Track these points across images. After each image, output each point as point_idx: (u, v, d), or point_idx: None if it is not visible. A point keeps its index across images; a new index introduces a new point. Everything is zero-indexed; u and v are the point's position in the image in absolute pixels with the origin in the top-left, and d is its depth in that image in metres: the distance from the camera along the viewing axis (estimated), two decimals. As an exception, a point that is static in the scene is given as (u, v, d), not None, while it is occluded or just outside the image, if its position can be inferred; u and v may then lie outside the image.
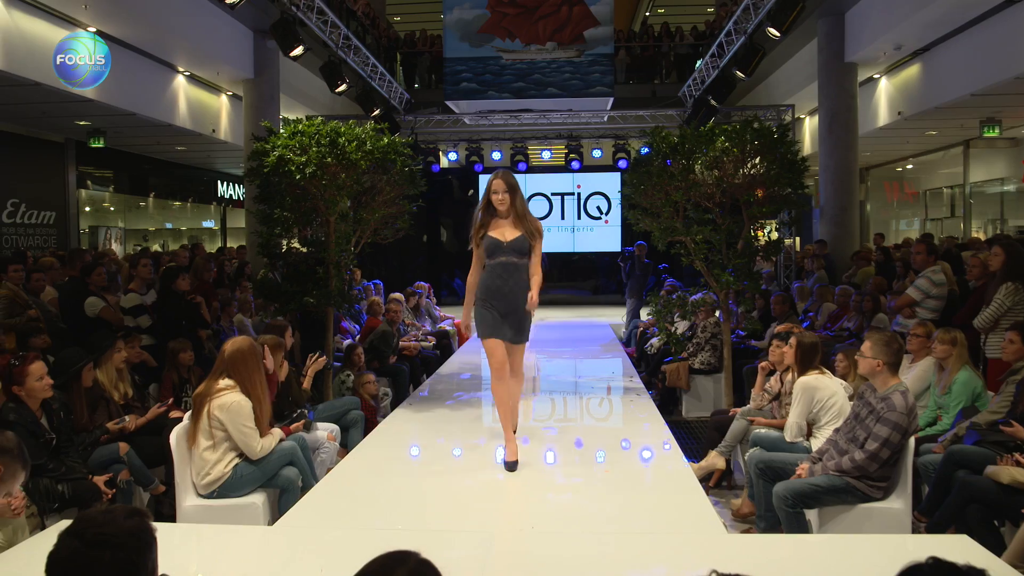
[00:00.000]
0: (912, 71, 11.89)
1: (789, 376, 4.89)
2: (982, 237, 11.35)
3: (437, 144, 15.75)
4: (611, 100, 14.12)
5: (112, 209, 16.47)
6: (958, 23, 10.04)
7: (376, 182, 6.72)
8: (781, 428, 4.64)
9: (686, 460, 4.91)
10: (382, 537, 3.49)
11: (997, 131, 12.13)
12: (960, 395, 4.65)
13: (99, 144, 12.47)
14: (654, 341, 8.47)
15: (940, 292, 6.37)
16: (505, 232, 4.69)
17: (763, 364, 5.29)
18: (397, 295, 9.13)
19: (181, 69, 12.05)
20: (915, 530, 3.91)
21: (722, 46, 11.81)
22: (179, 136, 13.21)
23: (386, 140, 6.64)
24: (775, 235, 9.08)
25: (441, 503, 4.14)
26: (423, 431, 5.81)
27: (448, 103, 14.46)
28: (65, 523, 1.60)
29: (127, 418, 4.64)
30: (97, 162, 14.21)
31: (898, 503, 3.85)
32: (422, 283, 10.89)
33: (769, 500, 3.99)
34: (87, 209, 14.84)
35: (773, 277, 11.23)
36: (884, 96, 12.84)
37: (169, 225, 18.96)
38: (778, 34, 10.20)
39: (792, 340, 4.68)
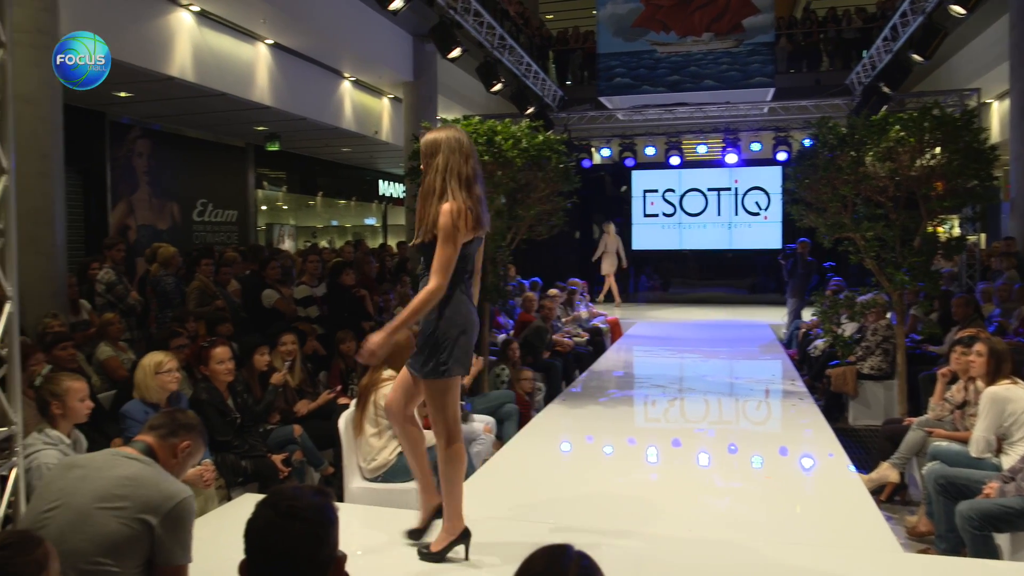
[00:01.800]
0: (1125, 46, 10.55)
1: (975, 385, 4.48)
2: None
3: (590, 140, 15.71)
4: (771, 91, 13.51)
5: (285, 208, 17.70)
6: None
7: (531, 179, 6.80)
8: (964, 442, 4.26)
9: (855, 470, 4.62)
10: (535, 530, 3.53)
11: None
12: None
13: (275, 148, 13.43)
14: (819, 343, 8.03)
15: None
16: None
17: (943, 371, 4.89)
18: (552, 291, 9.20)
19: (347, 75, 12.74)
20: None
21: (896, 28, 11.00)
22: (345, 138, 13.97)
23: (541, 137, 6.70)
24: (957, 231, 8.36)
25: (592, 501, 4.13)
26: (575, 427, 5.82)
27: (601, 99, 14.38)
28: (249, 495, 1.73)
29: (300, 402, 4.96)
30: (272, 164, 15.31)
31: (1107, 531, 3.43)
32: (576, 280, 10.91)
33: (951, 519, 3.67)
34: (263, 208, 16.02)
35: (955, 277, 10.33)
36: (1089, 75, 11.48)
37: (335, 222, 20.12)
38: (963, 11, 9.37)
39: (979, 346, 4.28)
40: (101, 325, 5.64)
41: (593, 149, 15.76)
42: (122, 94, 9.66)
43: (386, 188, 19.80)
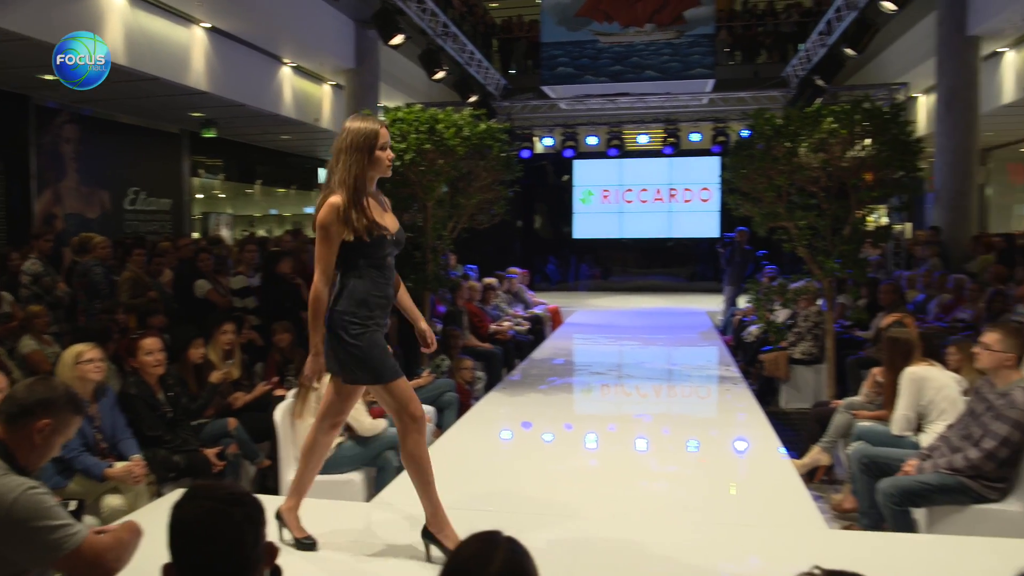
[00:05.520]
0: (1042, 44, 11.04)
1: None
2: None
3: (533, 129, 15.76)
4: (711, 82, 13.74)
5: (222, 196, 17.29)
6: (1096, -10, 9.25)
7: (473, 168, 6.79)
8: (886, 421, 4.44)
9: (785, 452, 4.77)
10: (475, 517, 3.55)
11: None
12: (1090, 393, 4.32)
13: (211, 134, 13.10)
14: (753, 329, 8.24)
15: (1070, 282, 5.93)
16: (384, 216, 3.02)
17: (876, 371, 5.04)
18: (491, 280, 9.22)
19: (287, 61, 12.49)
20: (1036, 535, 3.66)
21: (830, 23, 11.29)
22: (284, 125, 13.71)
23: (483, 126, 6.69)
24: (884, 221, 8.65)
25: (531, 486, 4.18)
26: (514, 415, 5.86)
27: (544, 88, 14.41)
28: (181, 492, 1.69)
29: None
30: (209, 151, 14.93)
31: (1016, 505, 3.61)
32: (516, 268, 10.95)
33: (873, 496, 3.82)
34: (199, 196, 15.62)
35: (882, 265, 10.71)
36: (1010, 71, 11.96)
37: (274, 211, 19.75)
38: (894, 7, 9.69)
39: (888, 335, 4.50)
40: (26, 318, 5.44)
41: (536, 138, 15.81)
42: (48, 77, 9.28)
43: (326, 176, 19.54)
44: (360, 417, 4.20)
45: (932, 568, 3.05)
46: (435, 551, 3.02)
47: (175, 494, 3.77)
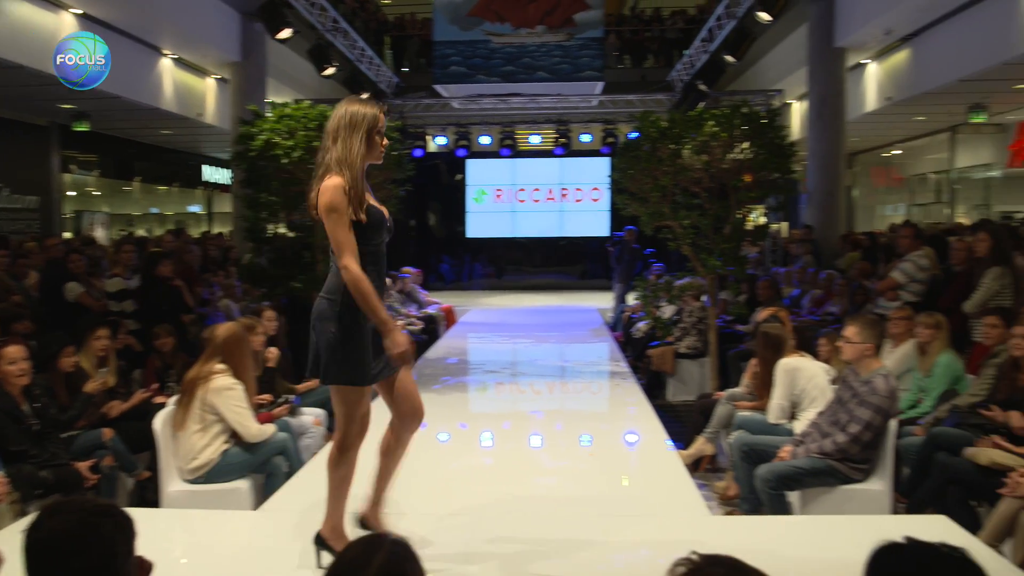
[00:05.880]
0: (901, 56, 11.88)
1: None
2: (967, 222, 11.40)
3: (425, 128, 15.68)
4: (600, 84, 14.06)
5: (97, 194, 16.32)
6: (948, 8, 10.02)
7: (363, 166, 6.69)
8: (764, 411, 4.68)
9: (671, 444, 4.94)
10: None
11: (984, 117, 12.15)
12: (942, 378, 4.69)
13: (83, 128, 12.34)
14: (641, 325, 8.50)
15: (924, 276, 6.41)
16: (373, 200, 2.95)
17: (753, 363, 5.30)
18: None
19: (167, 52, 11.92)
20: (895, 511, 3.95)
21: (712, 31, 11.78)
22: (165, 119, 13.08)
23: (373, 124, 6.60)
24: (762, 220, 9.10)
25: (427, 487, 4.16)
26: (410, 415, 5.81)
27: (437, 87, 14.37)
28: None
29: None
30: (82, 146, 14.06)
31: (879, 485, 3.89)
32: (410, 268, 10.87)
33: (752, 482, 4.02)
34: (71, 194, 14.70)
35: (760, 262, 11.26)
36: (873, 81, 12.83)
37: (155, 210, 18.82)
38: (769, 18, 10.20)
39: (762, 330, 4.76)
40: None
41: (429, 137, 15.74)
42: None
43: (211, 174, 18.76)
44: (246, 422, 4.06)
45: (805, 547, 3.23)
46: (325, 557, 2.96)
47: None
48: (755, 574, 1.32)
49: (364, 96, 2.73)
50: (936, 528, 3.23)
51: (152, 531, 3.43)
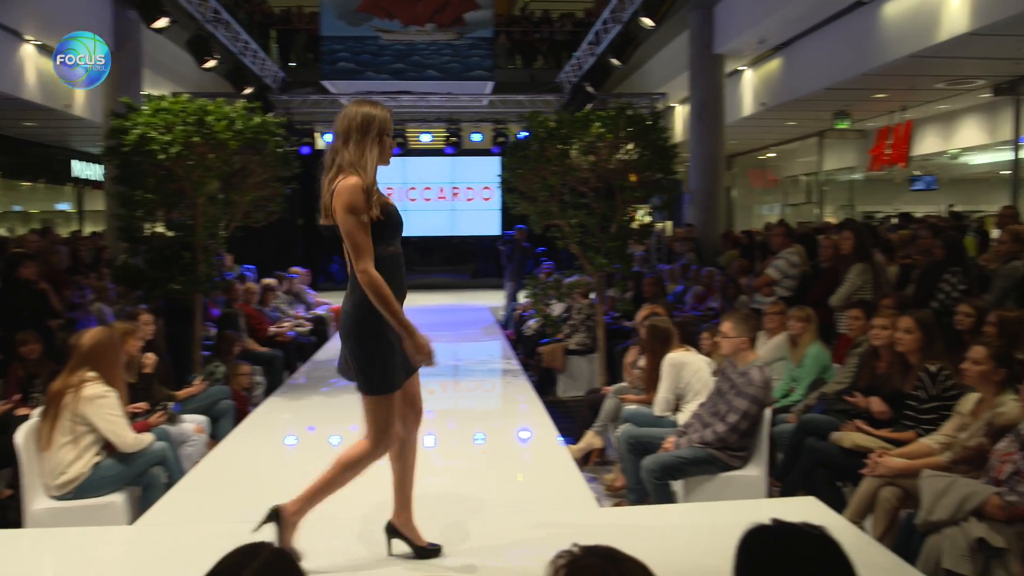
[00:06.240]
0: (774, 64, 12.55)
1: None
2: (834, 222, 12.16)
3: (314, 125, 15.33)
4: (491, 84, 14.14)
5: (-49, 190, 15.08)
6: (815, 20, 10.66)
7: (247, 163, 6.48)
8: (650, 404, 4.84)
9: (561, 439, 5.04)
10: (248, 531, 3.40)
11: (847, 123, 13.01)
12: (811, 368, 4.99)
13: (-67, 118, 11.37)
14: (531, 323, 8.61)
15: (796, 272, 6.80)
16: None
17: (628, 359, 5.46)
18: (270, 280, 8.86)
19: (29, 38, 11.13)
20: (771, 495, 4.17)
21: (598, 34, 12.06)
22: (28, 111, 12.20)
23: (257, 120, 6.41)
24: (647, 219, 9.39)
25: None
26: (297, 419, 5.68)
27: (325, 83, 14.06)
28: None
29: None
30: (-69, 138, 12.95)
31: (755, 471, 4.09)
32: (298, 268, 10.59)
33: (638, 473, 4.15)
34: (-79, 190, 13.51)
35: (646, 260, 11.63)
36: (749, 87, 13.49)
37: (18, 207, 17.56)
38: (652, 24, 10.53)
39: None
40: None
41: (317, 134, 15.39)
42: None
43: (82, 169, 17.64)
44: (121, 431, 3.85)
45: (687, 533, 3.36)
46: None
47: None
48: (629, 562, 1.37)
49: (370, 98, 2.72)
50: (806, 509, 3.44)
51: (16, 553, 3.20)
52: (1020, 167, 11.50)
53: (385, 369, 2.83)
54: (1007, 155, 11.76)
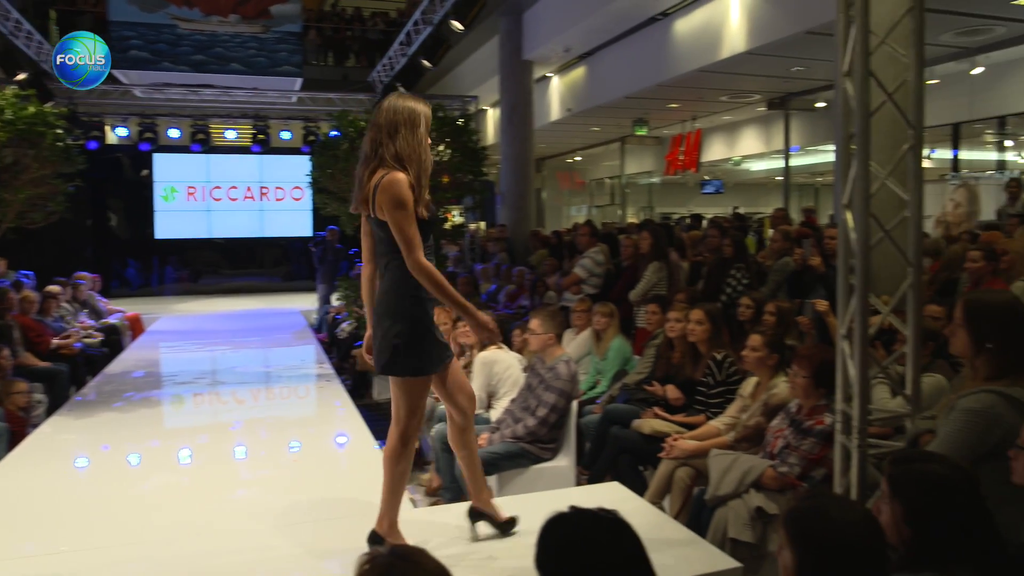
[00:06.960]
0: (579, 72, 13.17)
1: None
2: (636, 222, 12.96)
3: (103, 117, 14.10)
4: (299, 81, 13.70)
5: None
6: (616, 32, 11.31)
7: (20, 158, 5.85)
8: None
9: (376, 443, 4.98)
10: (35, 564, 3.08)
11: (646, 130, 13.93)
12: (614, 360, 5.29)
13: None
14: (345, 326, 8.45)
15: (601, 271, 7.17)
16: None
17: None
18: (52, 287, 8.03)
19: None
20: (579, 483, 4.37)
21: (410, 34, 12.05)
22: None
23: (32, 109, 5.81)
24: (460, 219, 9.52)
25: (112, 515, 3.75)
26: (87, 439, 5.20)
27: (115, 72, 12.95)
28: None
29: None
30: None
31: (564, 461, 4.28)
32: (86, 273, 9.69)
33: (453, 472, 4.20)
34: None
35: (461, 259, 11.78)
36: (556, 93, 14.06)
37: None
38: (462, 27, 10.67)
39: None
40: None
41: (107, 128, 14.18)
42: None
43: None
44: None
45: (500, 527, 3.44)
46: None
47: None
48: (420, 564, 1.39)
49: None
50: (610, 494, 3.63)
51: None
52: (790, 173, 12.87)
53: (420, 352, 2.86)
54: (780, 163, 13.13)
